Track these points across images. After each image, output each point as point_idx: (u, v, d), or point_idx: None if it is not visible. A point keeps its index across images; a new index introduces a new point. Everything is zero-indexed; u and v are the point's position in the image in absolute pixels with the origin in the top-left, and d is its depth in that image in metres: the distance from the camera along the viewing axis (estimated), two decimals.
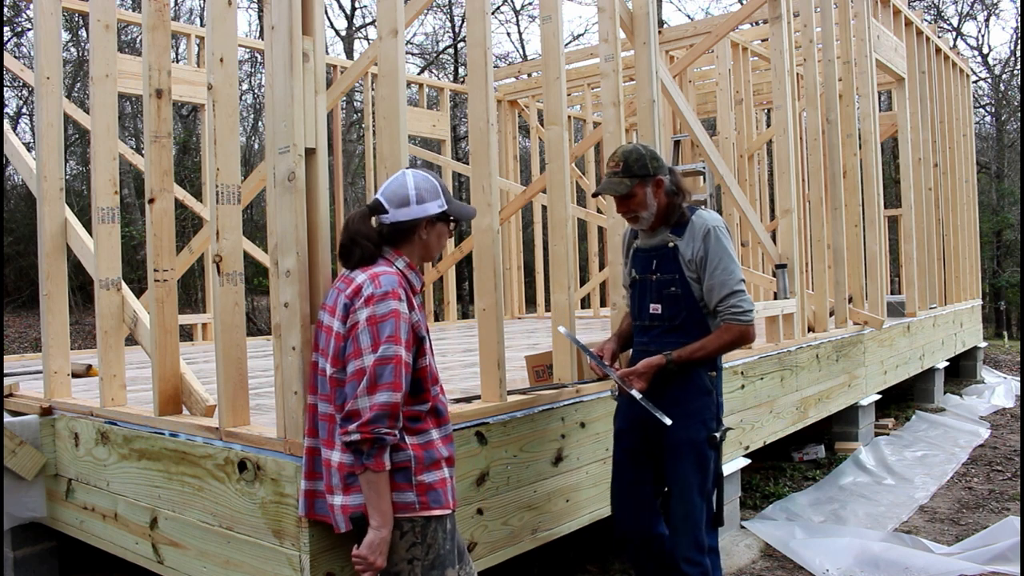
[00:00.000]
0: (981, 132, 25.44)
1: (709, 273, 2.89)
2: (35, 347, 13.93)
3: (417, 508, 2.26)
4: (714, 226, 2.92)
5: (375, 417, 2.13)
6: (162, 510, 3.06)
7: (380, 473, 2.17)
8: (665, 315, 2.98)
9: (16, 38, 17.18)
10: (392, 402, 2.16)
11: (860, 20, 6.59)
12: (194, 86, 7.13)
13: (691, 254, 2.92)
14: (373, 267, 2.32)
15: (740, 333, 2.90)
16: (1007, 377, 10.33)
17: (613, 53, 3.88)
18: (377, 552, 2.18)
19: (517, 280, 10.30)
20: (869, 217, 6.81)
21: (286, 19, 2.50)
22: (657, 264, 2.99)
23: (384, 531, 2.19)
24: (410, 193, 2.36)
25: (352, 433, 2.14)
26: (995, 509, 5.02)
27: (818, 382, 5.72)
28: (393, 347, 2.18)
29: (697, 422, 2.93)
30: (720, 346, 2.92)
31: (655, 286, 2.99)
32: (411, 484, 2.26)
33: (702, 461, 2.93)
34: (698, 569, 2.89)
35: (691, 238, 2.93)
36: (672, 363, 2.89)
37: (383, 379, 2.16)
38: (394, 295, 2.23)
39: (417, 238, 2.39)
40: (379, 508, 2.18)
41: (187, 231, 13.32)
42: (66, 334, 3.81)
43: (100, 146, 3.51)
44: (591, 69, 9.66)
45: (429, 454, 2.31)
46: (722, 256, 2.89)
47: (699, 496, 2.92)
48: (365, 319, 2.20)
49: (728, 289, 2.88)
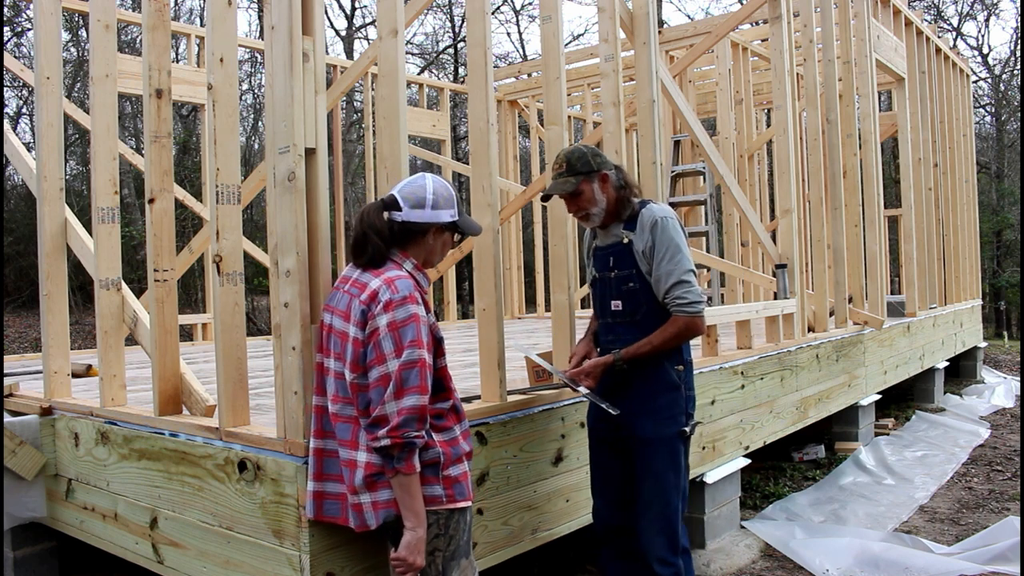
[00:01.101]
0: (981, 132, 25.44)
1: (656, 264, 2.89)
2: (35, 347, 13.93)
3: (444, 501, 2.31)
4: (661, 216, 2.92)
5: (404, 421, 2.16)
6: (162, 510, 3.06)
7: (411, 476, 2.20)
8: (626, 311, 2.98)
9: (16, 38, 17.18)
10: (420, 405, 2.19)
11: (860, 20, 6.59)
12: (194, 86, 7.13)
13: (642, 246, 2.92)
14: (384, 271, 2.32)
15: (686, 325, 2.87)
16: (1007, 377, 10.33)
17: (613, 53, 3.88)
18: (416, 552, 2.21)
19: (517, 280, 10.30)
20: (869, 217, 6.81)
21: (286, 19, 2.50)
22: (614, 261, 3.00)
23: (420, 531, 2.21)
24: (428, 196, 2.39)
25: (382, 439, 2.16)
26: (995, 509, 5.02)
27: (818, 382, 5.72)
28: (417, 351, 2.21)
29: (666, 417, 2.92)
30: (666, 339, 2.88)
31: (614, 283, 3.00)
32: (439, 478, 2.31)
33: (675, 457, 2.92)
34: (671, 570, 2.88)
35: (641, 230, 2.93)
36: (620, 360, 2.89)
37: (409, 383, 2.18)
38: (412, 299, 2.26)
39: (425, 242, 2.42)
40: (413, 509, 2.21)
41: (187, 231, 13.33)
42: (66, 334, 3.80)
43: (100, 146, 3.51)
44: (591, 69, 9.66)
45: (455, 450, 2.37)
46: (668, 246, 2.88)
47: (675, 495, 2.90)
48: (386, 325, 2.21)
49: (674, 279, 2.86)
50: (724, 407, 4.51)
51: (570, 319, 3.54)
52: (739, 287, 8.69)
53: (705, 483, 4.25)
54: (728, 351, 4.72)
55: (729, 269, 6.75)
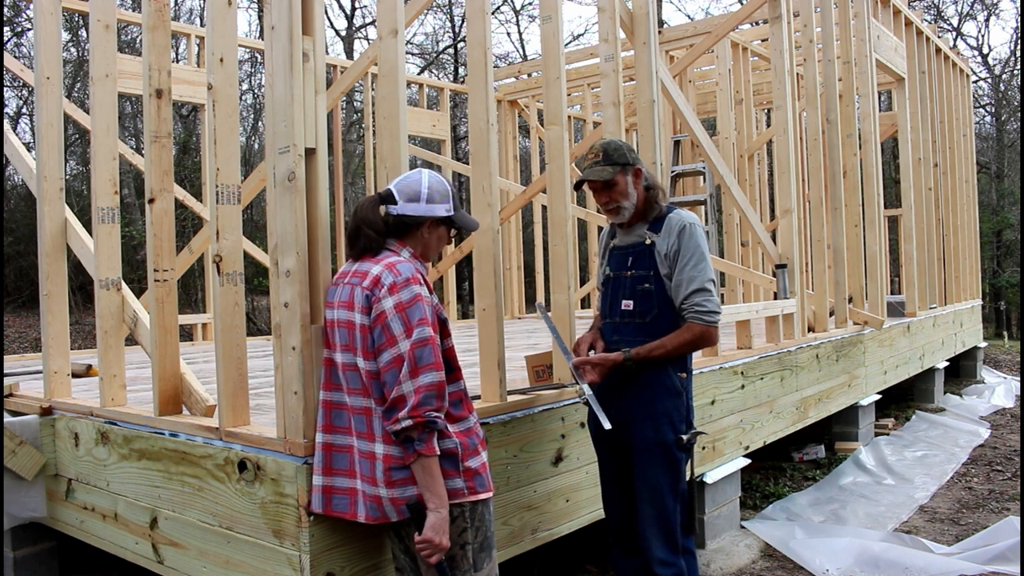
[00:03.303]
0: (981, 132, 25.45)
1: (679, 268, 2.87)
2: (35, 347, 13.93)
3: (466, 494, 2.31)
4: (690, 223, 2.92)
5: (423, 399, 2.16)
6: (162, 510, 3.06)
7: (432, 457, 2.20)
8: (636, 311, 2.95)
9: (16, 38, 17.18)
10: (437, 381, 2.19)
11: (860, 20, 6.59)
12: (194, 86, 7.13)
13: (666, 249, 2.90)
14: (383, 258, 2.35)
15: (701, 333, 2.86)
16: (1007, 377, 10.33)
17: (613, 53, 3.88)
18: (441, 532, 2.20)
19: (517, 280, 10.31)
20: (869, 217, 6.81)
21: (286, 19, 2.50)
22: (633, 261, 2.98)
23: (444, 511, 2.21)
24: (422, 190, 2.42)
25: (402, 420, 2.15)
26: (995, 509, 5.02)
27: (818, 382, 5.72)
28: (427, 329, 2.22)
29: (665, 423, 2.89)
30: (679, 344, 2.86)
31: (629, 283, 2.98)
32: (459, 471, 2.30)
33: (673, 463, 2.90)
34: (671, 570, 2.86)
35: (667, 233, 2.92)
36: (631, 360, 2.84)
37: (424, 361, 2.19)
38: (415, 280, 2.28)
39: (419, 235, 2.44)
40: (435, 491, 2.21)
41: (187, 231, 13.33)
42: (66, 334, 3.80)
43: (100, 146, 3.51)
44: (591, 69, 9.66)
45: (471, 440, 2.37)
46: (694, 252, 2.87)
47: (672, 497, 2.89)
48: (392, 306, 2.23)
49: (696, 285, 2.85)
50: (724, 407, 4.51)
51: (570, 319, 3.54)
52: (739, 287, 8.69)
53: (705, 483, 4.25)
54: (728, 351, 4.72)
55: (729, 269, 6.75)
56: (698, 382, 4.17)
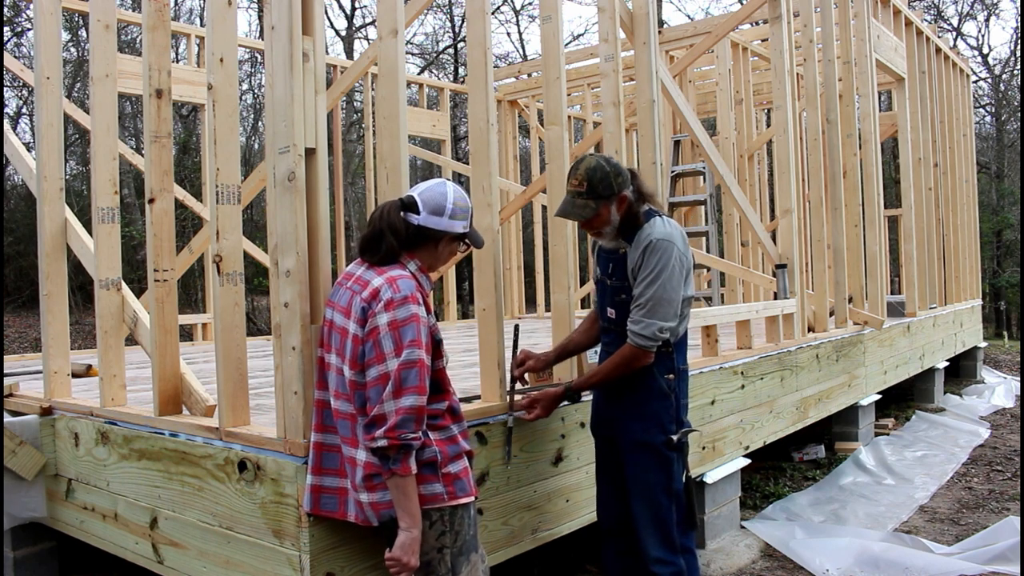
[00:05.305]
0: (981, 132, 25.45)
1: (636, 284, 2.81)
2: (35, 347, 13.93)
3: (445, 498, 2.31)
4: (656, 239, 2.76)
5: (401, 421, 2.15)
6: (162, 510, 3.06)
7: (407, 477, 2.19)
8: (617, 321, 2.92)
9: (16, 38, 17.18)
10: (418, 406, 2.18)
11: (860, 20, 6.59)
12: (194, 86, 7.13)
13: (632, 263, 2.84)
14: (388, 269, 2.33)
15: (632, 355, 2.79)
16: (1007, 377, 10.33)
17: (613, 53, 3.88)
18: (410, 552, 2.20)
19: (517, 280, 10.30)
20: (869, 217, 6.81)
21: (286, 19, 2.50)
22: (612, 268, 2.95)
23: (415, 531, 2.21)
24: (447, 205, 2.40)
25: (379, 439, 2.16)
26: (995, 509, 5.02)
27: (818, 382, 5.72)
28: (416, 351, 2.20)
29: (654, 425, 2.88)
30: (614, 367, 2.82)
31: (611, 291, 2.96)
32: (438, 476, 2.31)
33: (664, 462, 2.89)
34: (670, 568, 2.86)
35: (636, 246, 2.82)
36: (571, 391, 2.98)
37: (408, 383, 2.18)
38: (413, 299, 2.25)
39: (435, 248, 2.44)
40: (408, 510, 2.21)
41: (187, 231, 13.33)
42: (66, 334, 3.80)
43: (100, 146, 3.51)
44: (591, 69, 9.66)
45: (452, 448, 2.37)
46: (652, 270, 2.74)
47: (665, 495, 2.88)
48: (386, 323, 2.21)
49: (640, 306, 2.75)
50: (724, 407, 4.51)
51: (570, 319, 3.54)
52: (739, 287, 8.69)
53: (705, 483, 4.25)
54: (728, 351, 4.72)
55: (729, 269, 6.75)
56: (698, 382, 4.17)
